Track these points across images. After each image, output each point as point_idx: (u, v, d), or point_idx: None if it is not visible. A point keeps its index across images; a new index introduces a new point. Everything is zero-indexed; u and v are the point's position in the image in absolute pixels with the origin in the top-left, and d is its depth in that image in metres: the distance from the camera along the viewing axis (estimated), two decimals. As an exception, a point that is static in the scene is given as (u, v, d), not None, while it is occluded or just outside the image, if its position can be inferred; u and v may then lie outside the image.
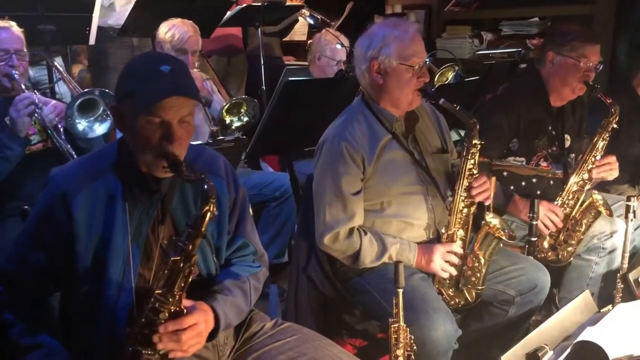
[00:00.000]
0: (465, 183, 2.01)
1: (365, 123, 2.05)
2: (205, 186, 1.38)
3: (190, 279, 1.44)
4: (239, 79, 4.77)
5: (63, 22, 3.09)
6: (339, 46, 3.68)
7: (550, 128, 2.58)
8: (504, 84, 2.78)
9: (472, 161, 2.00)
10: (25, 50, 2.55)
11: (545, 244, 2.44)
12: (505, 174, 2.50)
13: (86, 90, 2.46)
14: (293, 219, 3.33)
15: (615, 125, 2.44)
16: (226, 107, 3.15)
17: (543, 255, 2.42)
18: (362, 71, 2.06)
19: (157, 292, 1.41)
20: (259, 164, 3.82)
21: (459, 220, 2.02)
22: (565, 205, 2.47)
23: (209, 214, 1.38)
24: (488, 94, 2.82)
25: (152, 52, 1.57)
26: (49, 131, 2.48)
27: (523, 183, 2.52)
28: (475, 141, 1.99)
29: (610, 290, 2.01)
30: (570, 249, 2.44)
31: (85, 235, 1.48)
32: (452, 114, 2.05)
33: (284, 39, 5.31)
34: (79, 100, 2.42)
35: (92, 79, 4.19)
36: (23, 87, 2.51)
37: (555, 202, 2.46)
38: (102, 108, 2.51)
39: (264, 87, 4.35)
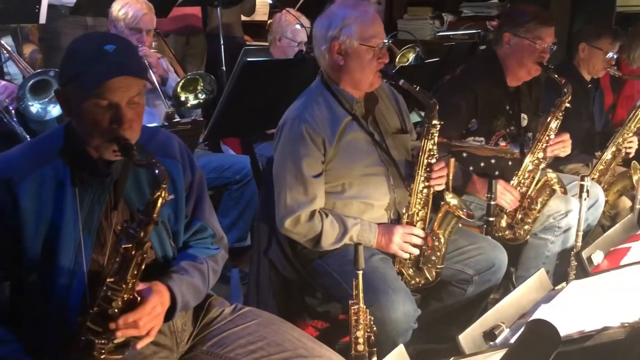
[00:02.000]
0: (425, 162, 2.01)
1: (325, 104, 2.03)
2: (157, 171, 1.34)
3: (143, 266, 1.40)
4: (199, 60, 4.67)
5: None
6: (299, 27, 3.64)
7: (507, 108, 2.62)
8: (463, 65, 2.80)
9: (432, 142, 2.00)
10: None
11: (503, 223, 2.48)
12: (464, 154, 2.53)
13: (38, 70, 2.37)
14: (255, 202, 3.30)
15: (568, 105, 2.49)
16: (181, 83, 3.07)
17: (500, 234, 2.46)
18: (321, 52, 2.03)
19: (109, 280, 1.37)
20: (220, 147, 3.76)
21: (419, 200, 2.03)
22: (521, 185, 2.51)
23: (160, 200, 1.35)
24: (446, 75, 2.83)
25: (95, 32, 1.52)
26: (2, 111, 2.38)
27: (482, 164, 2.55)
28: (435, 122, 2.00)
29: (564, 268, 2.06)
30: (526, 227, 2.49)
31: (34, 223, 1.43)
32: (412, 95, 2.05)
33: (244, 19, 5.21)
34: (30, 82, 2.33)
35: (44, 60, 4.03)
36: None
37: (512, 182, 2.50)
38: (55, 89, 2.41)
39: (223, 67, 4.27)
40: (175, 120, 2.43)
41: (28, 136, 2.37)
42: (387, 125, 2.14)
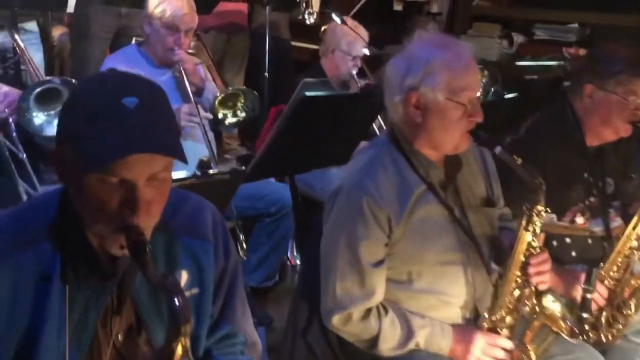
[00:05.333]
0: (521, 259, 1.57)
1: (393, 169, 1.60)
2: (177, 302, 0.93)
3: None
4: (239, 61, 4.26)
5: (36, -17, 2.58)
6: (356, 40, 3.21)
7: (586, 175, 2.10)
8: (532, 117, 2.29)
9: (533, 233, 1.56)
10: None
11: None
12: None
13: (46, 79, 1.99)
14: (289, 237, 2.93)
15: None
16: (220, 98, 2.69)
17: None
18: (394, 103, 1.59)
19: None
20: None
21: (508, 304, 1.59)
22: (609, 278, 2.02)
23: (180, 347, 0.94)
24: (509, 135, 2.33)
25: (114, 70, 1.08)
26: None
27: (554, 243, 2.06)
28: (539, 207, 1.55)
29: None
30: (616, 329, 2.01)
31: (5, 329, 1.04)
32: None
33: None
34: (36, 91, 1.95)
35: (72, 49, 3.67)
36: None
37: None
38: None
39: (266, 73, 3.86)
40: (211, 171, 2.02)
41: (24, 154, 1.99)
42: (471, 195, 1.70)
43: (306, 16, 4.58)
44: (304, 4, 4.59)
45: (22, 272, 1.04)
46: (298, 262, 3.23)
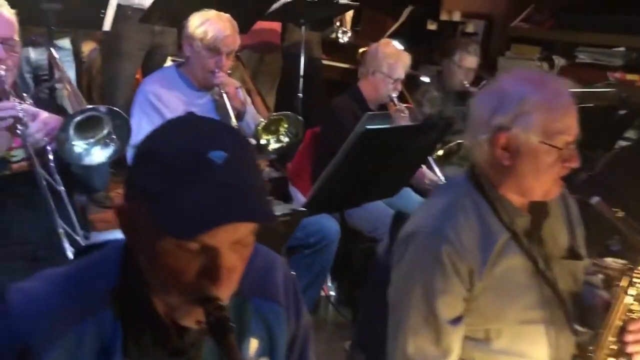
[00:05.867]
0: (618, 325, 1.40)
1: (475, 215, 1.44)
2: None
3: None
4: (271, 81, 4.15)
5: (73, 0, 2.47)
6: (398, 62, 3.08)
7: None
8: (614, 150, 2.12)
9: (634, 296, 1.39)
10: (16, 38, 1.94)
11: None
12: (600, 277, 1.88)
13: (90, 106, 1.84)
14: (327, 270, 2.78)
15: None
16: (263, 124, 2.56)
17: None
18: (479, 142, 1.44)
19: None
20: (288, 191, 3.23)
21: (600, 375, 1.42)
22: None
23: None
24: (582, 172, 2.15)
25: (193, 115, 0.92)
26: (30, 152, 1.86)
27: None
28: (643, 267, 1.38)
29: None
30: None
31: None
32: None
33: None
34: (77, 119, 1.81)
35: (102, 66, 3.56)
36: (7, 88, 1.89)
37: None
38: (107, 130, 1.89)
39: (300, 94, 3.73)
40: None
41: (62, 188, 1.85)
42: (555, 246, 1.53)
43: (340, 35, 4.47)
44: (337, 23, 4.48)
45: (81, 346, 0.90)
46: (332, 292, 3.09)
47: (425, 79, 3.75)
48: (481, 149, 1.44)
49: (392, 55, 3.08)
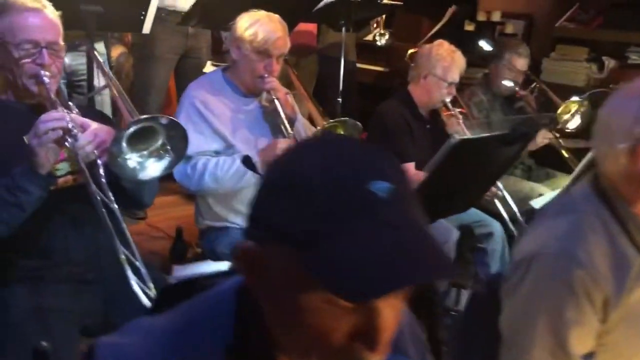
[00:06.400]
0: None
1: (604, 236, 1.25)
2: None
3: None
4: (306, 84, 3.96)
5: (113, 3, 2.30)
6: (453, 65, 2.89)
7: None
8: None
9: None
10: (61, 42, 1.77)
11: None
12: None
13: (147, 116, 1.66)
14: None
15: None
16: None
17: None
18: (613, 150, 1.25)
19: None
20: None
21: None
22: None
23: None
24: None
25: (335, 135, 0.73)
26: (82, 167, 1.68)
27: None
28: None
29: None
30: None
31: None
32: None
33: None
34: (131, 130, 1.63)
35: (135, 70, 3.40)
36: (53, 96, 1.72)
37: None
38: (161, 141, 1.72)
39: (339, 99, 3.55)
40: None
41: (116, 206, 1.67)
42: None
43: (377, 37, 4.28)
44: (374, 25, 4.31)
45: None
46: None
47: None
48: (616, 159, 1.25)
49: (447, 57, 2.89)
